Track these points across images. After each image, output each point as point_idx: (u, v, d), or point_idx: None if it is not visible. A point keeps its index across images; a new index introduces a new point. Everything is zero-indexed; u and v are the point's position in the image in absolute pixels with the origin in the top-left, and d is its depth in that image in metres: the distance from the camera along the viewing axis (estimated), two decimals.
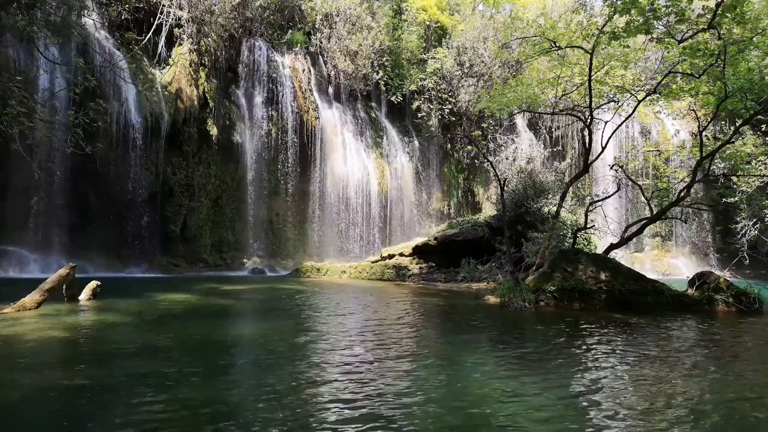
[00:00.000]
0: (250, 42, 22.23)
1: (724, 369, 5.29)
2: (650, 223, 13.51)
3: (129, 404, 3.83)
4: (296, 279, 17.02)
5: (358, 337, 6.74)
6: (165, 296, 10.59)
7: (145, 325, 7.32)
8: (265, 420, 3.52)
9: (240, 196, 21.46)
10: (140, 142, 18.00)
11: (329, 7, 23.86)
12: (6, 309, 7.61)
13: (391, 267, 17.29)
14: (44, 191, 16.46)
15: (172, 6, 19.50)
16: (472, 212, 25.43)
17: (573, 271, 10.46)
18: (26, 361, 5.13)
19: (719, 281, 10.10)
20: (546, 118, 26.23)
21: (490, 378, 4.73)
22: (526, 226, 16.03)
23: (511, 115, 22.68)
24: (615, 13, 10.31)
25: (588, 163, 13.67)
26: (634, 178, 15.99)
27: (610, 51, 12.66)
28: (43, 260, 15.88)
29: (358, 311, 9.38)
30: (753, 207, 18.33)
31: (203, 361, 5.31)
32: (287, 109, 22.21)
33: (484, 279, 14.87)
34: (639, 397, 4.25)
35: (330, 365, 5.11)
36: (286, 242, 22.40)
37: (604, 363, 5.50)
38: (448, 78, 25.83)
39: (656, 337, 7.05)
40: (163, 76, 19.37)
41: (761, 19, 10.64)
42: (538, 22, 14.36)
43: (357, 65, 23.90)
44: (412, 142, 26.29)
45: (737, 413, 3.93)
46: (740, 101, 11.30)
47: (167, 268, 18.54)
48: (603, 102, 13.88)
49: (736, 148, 15.15)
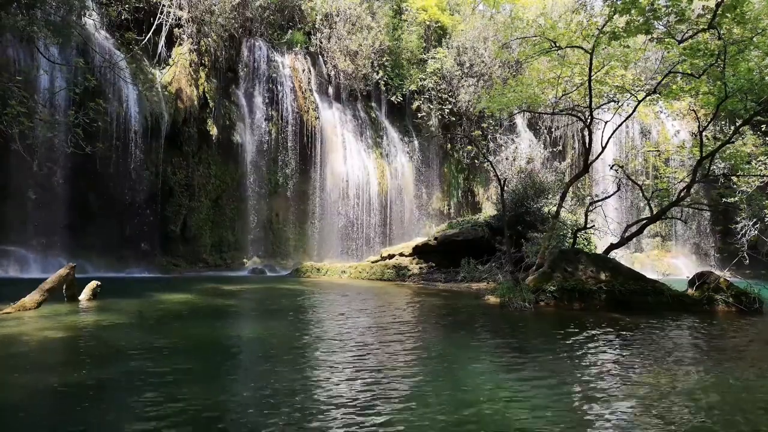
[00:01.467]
0: (250, 42, 22.22)
1: (724, 369, 5.29)
2: (650, 223, 13.52)
3: (129, 404, 3.83)
4: (296, 279, 17.02)
5: (358, 338, 6.74)
6: (165, 296, 10.59)
7: (145, 326, 7.32)
8: (265, 420, 3.53)
9: (240, 196, 21.45)
10: (140, 142, 17.98)
11: (329, 7, 23.85)
12: (6, 309, 7.61)
13: (391, 267, 17.30)
14: (44, 191, 16.45)
15: (172, 6, 19.49)
16: (472, 212, 25.42)
17: (573, 271, 10.47)
18: (26, 361, 5.13)
19: (719, 281, 10.10)
20: (546, 118, 26.22)
21: (490, 378, 4.73)
22: (526, 226, 16.02)
23: (511, 115, 22.71)
24: (615, 13, 10.31)
25: (588, 163, 13.67)
26: (634, 178, 15.99)
27: (610, 51, 12.65)
28: (43, 260, 15.87)
29: (357, 311, 9.37)
30: (753, 207, 18.33)
31: (203, 361, 5.32)
32: (287, 109, 22.21)
33: (484, 279, 14.88)
34: (639, 397, 4.25)
35: (330, 365, 5.11)
36: (286, 242, 22.40)
37: (605, 363, 5.50)
38: (448, 78, 25.81)
39: (656, 338, 7.05)
40: (163, 76, 19.37)
41: (761, 19, 10.64)
42: (538, 22, 14.35)
43: (357, 65, 23.89)
44: (412, 142, 26.28)
45: (738, 414, 3.92)
46: (740, 101, 11.30)
47: (167, 268, 18.53)
48: (603, 102, 13.87)
49: (736, 148, 15.14)
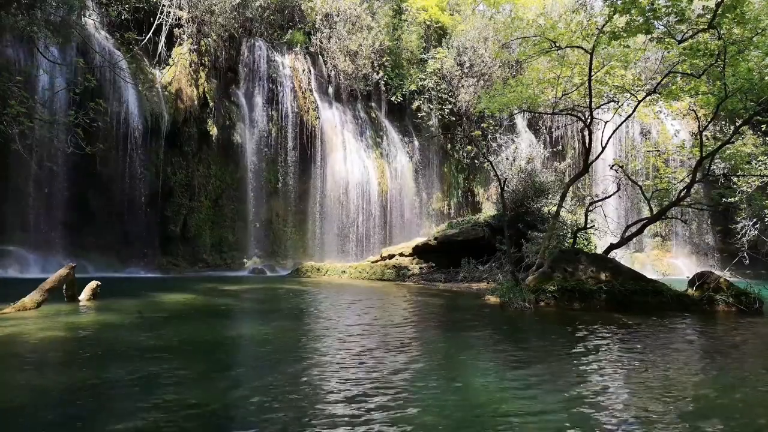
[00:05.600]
0: (250, 42, 22.23)
1: (724, 369, 5.29)
2: (650, 223, 13.51)
3: (129, 404, 3.83)
4: (296, 279, 17.02)
5: (358, 338, 6.73)
6: (165, 296, 10.59)
7: (145, 325, 7.31)
8: (266, 420, 3.52)
9: (240, 196, 21.45)
10: (140, 142, 17.99)
11: (329, 7, 23.85)
12: (6, 309, 7.60)
13: (391, 267, 17.29)
14: (44, 191, 16.46)
15: (172, 6, 19.50)
16: (472, 212, 25.40)
17: (573, 271, 10.46)
18: (26, 361, 5.13)
19: (719, 281, 10.09)
20: (546, 118, 26.22)
21: (490, 378, 4.73)
22: (526, 225, 16.03)
23: (511, 115, 22.68)
24: (615, 13, 10.30)
25: (588, 163, 13.66)
26: (634, 178, 15.98)
27: (610, 51, 12.65)
28: (43, 260, 15.88)
29: (357, 311, 9.37)
30: (753, 207, 18.35)
31: (203, 361, 5.31)
32: (287, 109, 22.21)
33: (484, 279, 14.88)
34: (638, 397, 4.25)
35: (330, 365, 5.11)
36: (286, 242, 22.40)
37: (605, 363, 5.50)
38: (448, 78, 25.82)
39: (656, 338, 7.04)
40: (163, 76, 19.38)
41: (761, 19, 10.62)
42: (538, 22, 14.33)
43: (357, 65, 23.90)
44: (412, 142, 26.28)
45: (738, 414, 3.92)
46: (740, 101, 11.30)
47: (167, 268, 18.54)
48: (603, 102, 13.88)
49: (736, 148, 15.17)
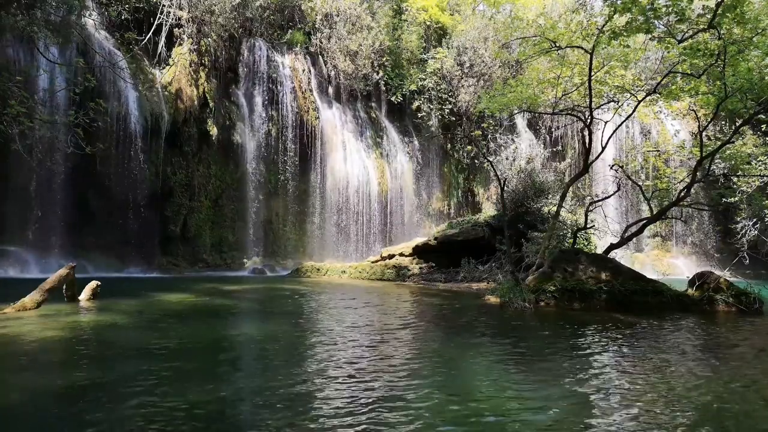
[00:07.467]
0: (250, 42, 22.22)
1: (724, 369, 5.29)
2: (650, 223, 13.52)
3: (129, 405, 3.83)
4: (296, 279, 17.01)
5: (358, 337, 6.74)
6: (165, 296, 10.59)
7: (145, 326, 7.31)
8: (266, 419, 3.52)
9: (240, 196, 21.44)
10: (140, 142, 17.98)
11: (329, 7, 23.85)
12: (6, 309, 7.60)
13: (391, 267, 17.29)
14: (44, 191, 16.45)
15: (172, 6, 19.50)
16: (472, 212, 25.40)
17: (573, 271, 10.46)
18: (26, 361, 5.13)
19: (719, 281, 10.09)
20: (546, 118, 26.22)
21: (490, 378, 4.73)
22: (526, 225, 16.02)
23: (511, 115, 22.69)
24: (615, 13, 10.30)
25: (588, 163, 13.66)
26: (634, 178, 15.99)
27: (610, 51, 12.65)
28: (43, 260, 15.87)
29: (358, 311, 9.37)
30: (753, 207, 18.36)
31: (203, 361, 5.31)
32: (287, 109, 22.20)
33: (484, 279, 14.87)
34: (638, 397, 4.25)
35: (330, 365, 5.10)
36: (285, 242, 22.40)
37: (605, 363, 5.50)
38: (448, 78, 25.81)
39: (656, 338, 7.04)
40: (163, 76, 19.37)
41: (761, 19, 10.62)
42: (538, 22, 14.34)
43: (357, 65, 23.89)
44: (412, 142, 26.27)
45: (738, 414, 3.92)
46: (740, 101, 11.30)
47: (167, 268, 18.54)
48: (603, 102, 13.87)
49: (736, 148, 15.18)
